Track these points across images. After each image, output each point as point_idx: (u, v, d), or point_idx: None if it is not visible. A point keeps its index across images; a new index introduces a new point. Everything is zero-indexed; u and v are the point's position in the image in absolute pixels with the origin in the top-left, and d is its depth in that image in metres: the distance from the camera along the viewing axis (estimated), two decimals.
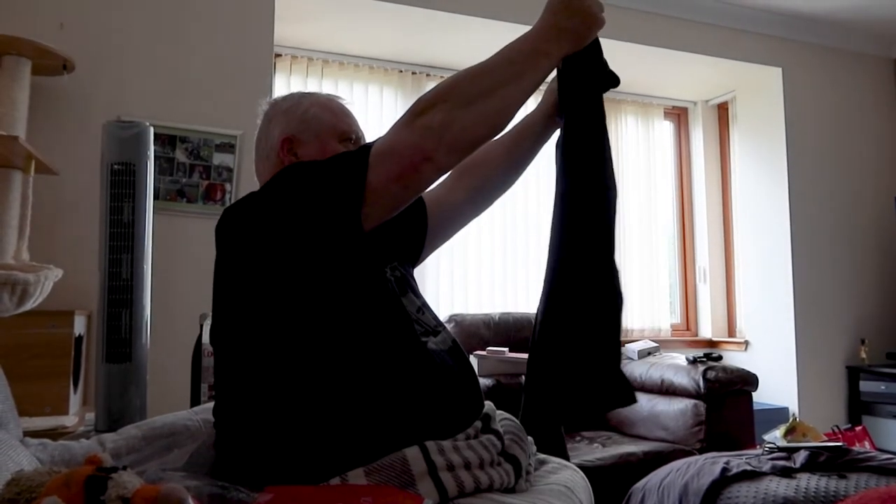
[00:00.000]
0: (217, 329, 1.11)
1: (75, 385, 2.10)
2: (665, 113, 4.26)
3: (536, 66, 1.04)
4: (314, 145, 1.24)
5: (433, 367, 1.05)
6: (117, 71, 2.59)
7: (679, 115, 4.38)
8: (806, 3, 3.65)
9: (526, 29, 1.07)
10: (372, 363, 1.01)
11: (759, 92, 3.97)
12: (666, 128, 4.30)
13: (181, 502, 0.70)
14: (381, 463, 0.93)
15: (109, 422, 1.73)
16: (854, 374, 3.72)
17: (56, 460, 1.16)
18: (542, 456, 1.27)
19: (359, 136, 1.28)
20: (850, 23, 3.88)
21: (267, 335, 1.03)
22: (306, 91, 1.36)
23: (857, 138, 4.01)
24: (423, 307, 1.17)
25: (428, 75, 3.64)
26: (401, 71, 3.59)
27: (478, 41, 3.36)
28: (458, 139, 0.98)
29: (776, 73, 3.85)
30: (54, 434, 1.70)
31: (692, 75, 3.95)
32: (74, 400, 2.09)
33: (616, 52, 3.48)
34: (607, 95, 1.19)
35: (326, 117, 1.28)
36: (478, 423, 1.06)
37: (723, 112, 4.32)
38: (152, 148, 1.92)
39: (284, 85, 3.34)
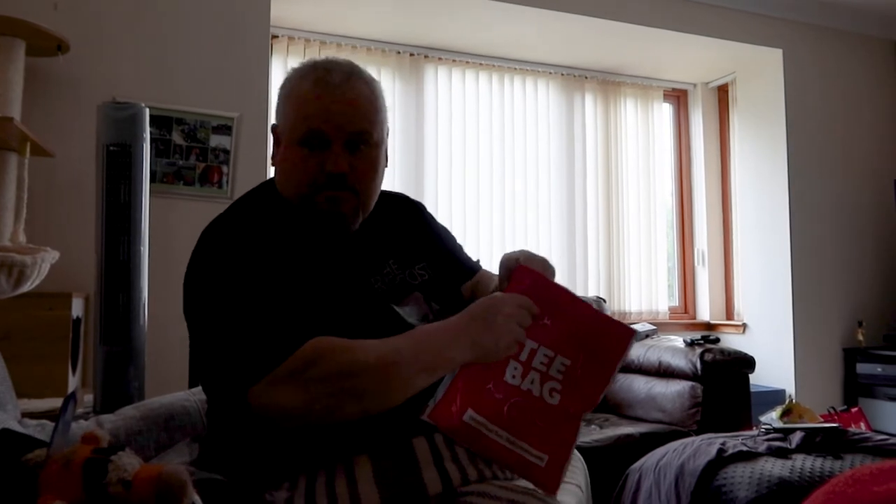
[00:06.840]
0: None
1: (73, 367, 2.10)
2: (665, 95, 4.23)
3: (433, 372, 0.94)
4: (282, 145, 1.10)
5: None
6: (112, 52, 2.57)
7: (679, 98, 4.35)
8: None
9: (527, 11, 1.03)
10: None
11: (760, 74, 3.94)
12: (665, 110, 4.28)
13: (182, 484, 0.70)
14: (388, 450, 0.94)
15: (108, 403, 1.73)
16: (851, 356, 3.73)
17: None
18: None
19: (330, 133, 1.03)
20: (851, 4, 3.85)
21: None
22: (303, 67, 1.10)
23: (858, 121, 3.99)
24: (442, 309, 1.14)
25: (426, 57, 3.61)
26: (399, 52, 3.56)
27: (476, 22, 3.33)
28: (319, 418, 0.91)
29: (777, 54, 3.82)
30: (52, 416, 1.70)
31: (692, 57, 3.92)
32: (73, 382, 2.09)
33: (615, 34, 3.50)
34: (607, 78, 1.14)
35: (290, 112, 1.07)
36: None
37: (723, 94, 4.30)
38: (148, 129, 1.91)
39: (281, 66, 3.31)
